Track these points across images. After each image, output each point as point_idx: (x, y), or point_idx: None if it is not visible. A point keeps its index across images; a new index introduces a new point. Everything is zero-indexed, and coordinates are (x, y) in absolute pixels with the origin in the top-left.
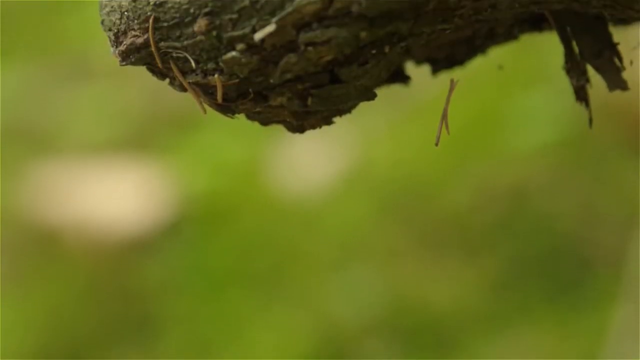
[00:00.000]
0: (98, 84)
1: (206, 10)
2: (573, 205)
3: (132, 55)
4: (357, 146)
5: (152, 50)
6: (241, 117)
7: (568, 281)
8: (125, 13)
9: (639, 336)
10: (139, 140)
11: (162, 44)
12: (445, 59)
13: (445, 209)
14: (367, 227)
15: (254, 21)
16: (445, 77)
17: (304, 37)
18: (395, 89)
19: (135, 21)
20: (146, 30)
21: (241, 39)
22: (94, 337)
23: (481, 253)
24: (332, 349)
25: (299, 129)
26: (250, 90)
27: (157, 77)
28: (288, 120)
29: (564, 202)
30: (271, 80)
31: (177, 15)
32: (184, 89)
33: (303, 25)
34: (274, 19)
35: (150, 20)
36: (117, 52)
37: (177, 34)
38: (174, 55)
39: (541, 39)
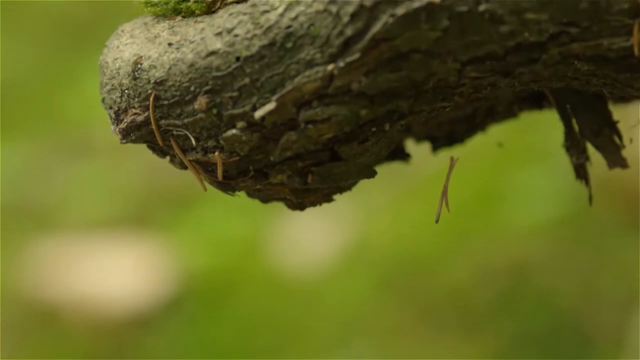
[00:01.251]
0: (98, 161)
1: (206, 88)
2: (573, 282)
3: (132, 133)
4: (357, 222)
5: (153, 128)
6: (241, 194)
7: (569, 358)
8: (126, 91)
9: None
10: (139, 216)
11: (162, 121)
12: (445, 136)
13: (445, 286)
14: (367, 304)
15: (254, 99)
16: (445, 154)
17: (304, 114)
18: (395, 165)
19: (136, 99)
20: (147, 108)
21: (242, 116)
22: None
23: (481, 330)
24: None
25: (299, 206)
26: (250, 167)
27: (158, 154)
28: (288, 197)
29: (564, 279)
30: (271, 158)
31: (178, 93)
32: (185, 167)
33: (303, 103)
34: (275, 97)
35: (151, 98)
36: (117, 130)
37: (178, 111)
38: (175, 133)
39: (541, 116)
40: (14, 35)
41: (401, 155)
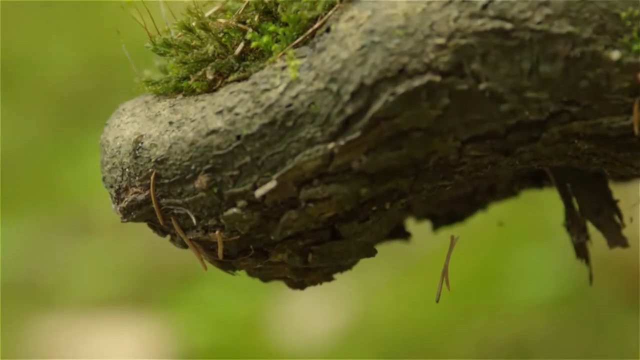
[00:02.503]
0: (98, 239)
1: (207, 166)
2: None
3: (133, 212)
4: (358, 300)
5: (154, 207)
6: (242, 273)
7: None
8: (127, 170)
9: None
10: (140, 294)
11: (163, 200)
12: (445, 215)
13: None
14: None
15: (254, 178)
16: (445, 232)
17: (305, 193)
18: (396, 243)
19: (137, 178)
20: (147, 187)
21: (242, 195)
22: None
23: None
24: None
25: (300, 285)
26: (251, 246)
27: (158, 233)
28: (289, 276)
29: (565, 356)
30: (272, 237)
31: (179, 172)
32: (185, 246)
33: (304, 182)
34: (275, 176)
35: (152, 177)
36: (118, 208)
37: (179, 190)
38: (175, 211)
39: (541, 194)
40: (14, 110)
41: (402, 234)
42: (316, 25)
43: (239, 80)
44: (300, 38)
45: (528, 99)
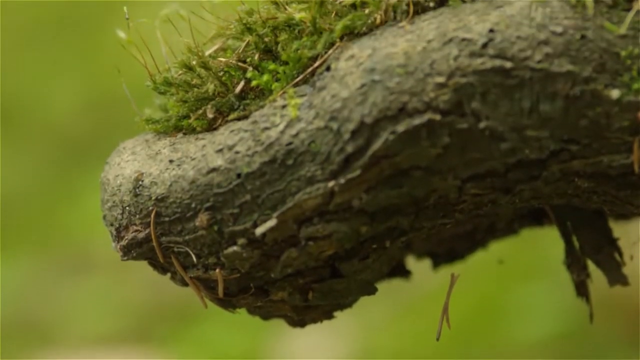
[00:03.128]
0: (99, 277)
1: (207, 205)
2: None
3: (133, 250)
4: (358, 338)
5: (154, 245)
6: (242, 311)
7: None
8: (127, 208)
9: None
10: (140, 332)
11: (163, 238)
12: (445, 253)
13: None
14: None
15: (255, 216)
16: (446, 270)
17: (305, 231)
18: (396, 281)
19: (137, 216)
20: (148, 225)
21: (242, 233)
22: None
23: None
24: None
25: (300, 323)
26: (251, 284)
27: (159, 271)
28: (289, 314)
29: None
30: (272, 275)
31: (179, 210)
32: (185, 284)
33: (304, 220)
34: (275, 214)
35: (152, 215)
36: (118, 247)
37: (179, 228)
38: (176, 249)
39: (542, 232)
40: (15, 148)
41: (402, 272)
42: (316, 64)
43: (239, 118)
44: (301, 76)
45: (528, 137)
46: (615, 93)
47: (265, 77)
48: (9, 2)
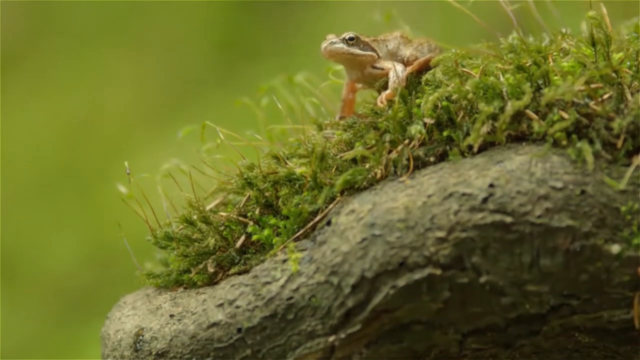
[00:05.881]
0: None
1: (208, 359)
2: None
3: None
4: None
5: None
6: None
7: None
8: None
9: None
10: None
11: None
12: None
13: None
14: None
15: None
16: None
17: None
18: None
19: None
20: None
21: None
22: None
23: None
24: None
25: None
26: None
27: None
28: None
29: None
30: None
31: None
32: None
33: None
34: None
35: None
36: None
37: None
38: None
39: None
40: (15, 302)
41: None
42: (317, 219)
43: (240, 273)
44: (301, 231)
45: (528, 292)
46: (615, 248)
47: (266, 232)
48: (10, 160)
